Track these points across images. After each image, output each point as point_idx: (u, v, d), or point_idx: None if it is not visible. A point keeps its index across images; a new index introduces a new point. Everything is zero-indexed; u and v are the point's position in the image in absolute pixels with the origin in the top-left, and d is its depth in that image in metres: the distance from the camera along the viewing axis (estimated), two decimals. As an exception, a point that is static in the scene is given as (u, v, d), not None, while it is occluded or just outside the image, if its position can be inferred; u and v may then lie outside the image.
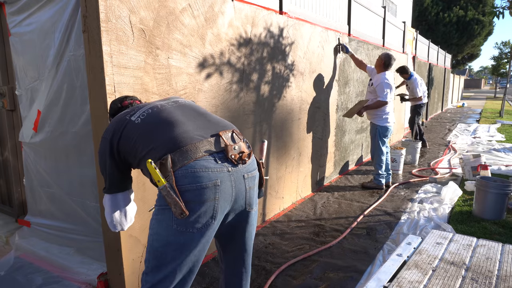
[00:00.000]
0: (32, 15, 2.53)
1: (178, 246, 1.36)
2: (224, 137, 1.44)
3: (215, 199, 1.35)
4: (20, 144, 2.99)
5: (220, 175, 1.36)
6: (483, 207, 3.61)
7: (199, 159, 1.35)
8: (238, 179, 1.43)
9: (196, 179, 1.33)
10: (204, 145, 1.39)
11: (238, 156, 1.43)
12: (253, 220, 1.61)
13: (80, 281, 2.45)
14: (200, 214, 1.34)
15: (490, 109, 17.10)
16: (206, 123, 1.50)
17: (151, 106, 1.55)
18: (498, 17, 4.88)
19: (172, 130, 1.41)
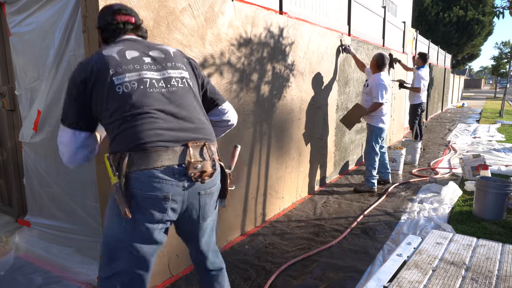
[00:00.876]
0: (32, 15, 2.53)
1: (128, 241, 1.38)
2: (191, 151, 1.39)
3: (164, 210, 1.38)
4: (20, 144, 2.99)
5: (173, 189, 1.37)
6: (483, 207, 3.61)
7: (158, 168, 1.34)
8: (192, 195, 1.44)
9: (149, 187, 1.33)
10: (168, 154, 1.36)
11: (198, 174, 1.41)
12: (207, 228, 1.62)
13: (80, 281, 2.45)
14: (146, 219, 1.37)
15: (490, 109, 17.10)
16: (182, 126, 1.43)
17: (139, 78, 1.41)
18: (498, 17, 4.88)
19: (144, 122, 1.36)
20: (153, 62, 1.49)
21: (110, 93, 1.38)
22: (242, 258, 2.84)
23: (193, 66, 1.64)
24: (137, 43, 1.55)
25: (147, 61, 1.48)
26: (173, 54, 1.58)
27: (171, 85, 1.47)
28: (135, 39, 1.58)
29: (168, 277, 2.52)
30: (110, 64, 1.41)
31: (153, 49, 1.55)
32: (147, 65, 1.46)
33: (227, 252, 2.94)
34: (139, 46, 1.53)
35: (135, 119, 1.36)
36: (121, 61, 1.43)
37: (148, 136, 1.34)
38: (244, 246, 3.06)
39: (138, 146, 1.33)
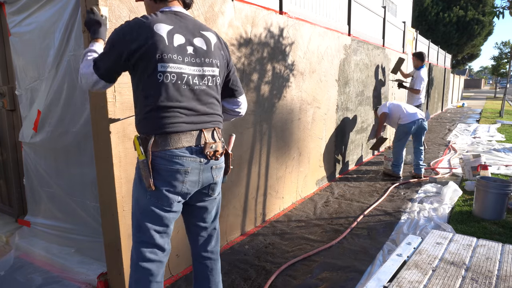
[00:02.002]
0: (32, 15, 2.53)
1: (152, 213, 1.60)
2: (205, 134, 1.64)
3: (183, 182, 1.60)
4: (20, 144, 2.99)
5: (191, 164, 1.60)
6: (483, 207, 3.61)
7: (178, 148, 1.56)
8: (207, 169, 1.67)
9: (171, 163, 1.56)
10: (187, 137, 1.58)
11: (212, 153, 1.65)
12: (215, 202, 1.84)
13: (80, 281, 2.45)
14: (168, 190, 1.58)
15: (490, 109, 17.10)
16: (200, 118, 1.64)
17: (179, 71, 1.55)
18: (498, 17, 4.88)
19: (171, 115, 1.55)
20: (194, 54, 1.61)
21: (151, 76, 1.52)
22: (242, 258, 2.84)
23: (226, 60, 1.78)
24: (185, 21, 1.63)
25: (190, 51, 1.59)
26: (213, 47, 1.68)
27: (203, 83, 1.64)
28: (183, 15, 1.65)
29: (168, 277, 2.52)
30: (159, 46, 1.50)
31: (198, 35, 1.64)
32: (188, 57, 1.59)
33: (227, 252, 2.94)
34: (186, 28, 1.61)
35: (165, 111, 1.55)
36: (169, 46, 1.52)
37: (171, 126, 1.55)
38: (244, 246, 3.06)
39: (162, 132, 1.55)
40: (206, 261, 1.87)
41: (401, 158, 5.08)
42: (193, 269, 1.93)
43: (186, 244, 2.63)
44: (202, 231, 1.84)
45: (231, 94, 1.88)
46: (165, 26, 1.54)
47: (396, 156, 5.08)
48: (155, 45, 1.49)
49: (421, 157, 5.11)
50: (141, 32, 1.50)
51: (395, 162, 5.09)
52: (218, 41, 1.74)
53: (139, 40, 1.49)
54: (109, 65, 1.55)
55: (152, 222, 1.61)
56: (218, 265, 1.92)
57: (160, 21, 1.53)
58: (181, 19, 1.61)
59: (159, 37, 1.50)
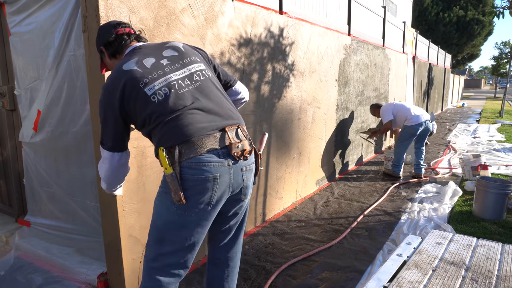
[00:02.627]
0: (32, 15, 2.53)
1: (177, 226, 1.51)
2: (229, 134, 1.52)
3: (213, 189, 1.48)
4: (20, 144, 2.99)
5: (220, 169, 1.49)
6: (483, 207, 3.61)
7: (204, 154, 1.46)
8: (237, 172, 1.55)
9: (199, 171, 1.45)
10: (210, 140, 1.48)
11: (240, 153, 1.53)
12: (245, 208, 1.75)
13: (80, 281, 2.45)
14: (197, 201, 1.48)
15: (490, 109, 17.10)
16: (215, 114, 1.55)
17: (167, 83, 1.51)
18: (498, 17, 4.88)
19: (184, 120, 1.48)
20: (170, 62, 1.58)
21: (147, 104, 1.49)
22: (242, 258, 2.84)
23: (203, 56, 1.74)
24: (146, 48, 1.62)
25: (165, 63, 1.57)
26: (183, 49, 1.65)
27: (195, 80, 1.58)
28: (141, 46, 1.64)
29: (168, 277, 2.52)
30: (136, 77, 1.50)
31: (163, 49, 1.62)
32: (167, 67, 1.56)
33: (227, 252, 2.94)
34: (150, 51, 1.60)
35: (177, 119, 1.48)
36: (143, 72, 1.51)
37: (190, 130, 1.47)
38: (244, 246, 3.06)
39: (184, 139, 1.46)
40: (223, 267, 1.79)
41: (402, 158, 5.08)
42: (207, 274, 1.84)
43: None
44: (226, 236, 1.76)
45: (227, 86, 1.84)
46: (131, 61, 1.54)
47: (397, 157, 5.07)
48: (133, 78, 1.49)
49: (422, 157, 5.12)
50: (114, 81, 1.51)
51: (396, 162, 5.09)
52: (185, 44, 1.72)
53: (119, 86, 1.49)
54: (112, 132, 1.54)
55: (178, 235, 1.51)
56: (235, 273, 1.83)
57: (125, 61, 1.55)
58: (141, 49, 1.61)
59: (132, 70, 1.50)
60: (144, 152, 2.25)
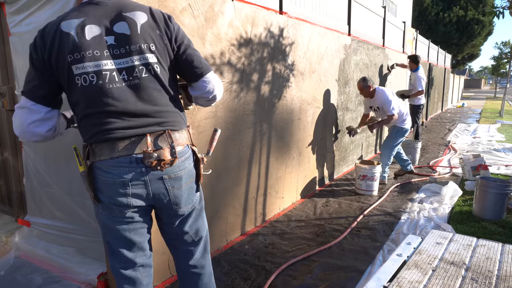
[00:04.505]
0: (32, 15, 2.53)
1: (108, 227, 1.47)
2: (148, 140, 1.38)
3: (126, 195, 1.40)
4: (20, 144, 2.99)
5: (131, 175, 1.38)
6: (483, 207, 3.61)
7: (115, 158, 1.37)
8: (155, 180, 1.43)
9: (109, 175, 1.38)
10: (125, 144, 1.37)
11: (155, 163, 1.39)
12: (186, 218, 1.58)
13: (80, 281, 2.45)
14: (113, 203, 1.41)
15: (490, 109, 17.10)
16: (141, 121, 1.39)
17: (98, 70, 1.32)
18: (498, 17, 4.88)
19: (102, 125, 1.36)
20: (116, 43, 1.35)
21: (70, 82, 1.34)
22: (242, 258, 2.84)
23: (168, 36, 1.44)
24: (103, 7, 1.37)
25: (110, 42, 1.34)
26: (140, 28, 1.37)
27: (134, 77, 1.37)
28: (102, 1, 1.38)
29: (168, 277, 2.52)
30: (67, 47, 1.30)
31: (118, 19, 1.36)
32: (108, 49, 1.34)
33: (227, 252, 2.94)
34: (102, 16, 1.35)
35: (94, 118, 1.36)
36: (79, 43, 1.30)
37: (105, 133, 1.36)
38: (244, 246, 3.06)
39: (97, 140, 1.38)
40: (190, 275, 1.67)
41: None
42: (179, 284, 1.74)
43: (186, 244, 2.64)
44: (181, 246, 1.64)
45: (192, 77, 1.52)
46: (74, 21, 1.32)
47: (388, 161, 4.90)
48: (63, 46, 1.30)
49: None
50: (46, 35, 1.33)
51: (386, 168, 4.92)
52: (151, 18, 1.41)
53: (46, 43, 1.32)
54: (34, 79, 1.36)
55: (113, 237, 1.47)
56: (205, 279, 1.69)
57: (68, 18, 1.33)
58: (97, 7, 1.36)
59: (67, 35, 1.30)
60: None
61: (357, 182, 4.50)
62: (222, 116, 2.88)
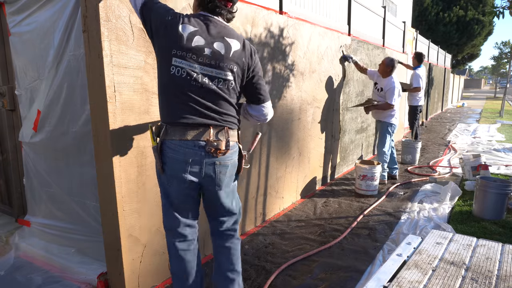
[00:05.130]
0: (32, 15, 2.53)
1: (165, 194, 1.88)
2: (211, 131, 1.78)
3: (185, 170, 1.78)
4: (20, 144, 2.99)
5: (193, 156, 1.77)
6: (483, 207, 3.61)
7: (184, 140, 1.75)
8: (209, 163, 1.81)
9: (176, 152, 1.76)
10: (194, 131, 1.76)
11: (213, 150, 1.78)
12: (222, 197, 1.94)
13: (80, 281, 2.45)
14: (172, 176, 1.80)
15: (490, 109, 17.10)
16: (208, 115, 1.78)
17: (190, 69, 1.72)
18: (498, 17, 4.88)
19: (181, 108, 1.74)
20: (210, 56, 1.76)
21: (166, 67, 1.73)
22: (242, 258, 2.84)
23: (247, 67, 1.87)
24: (212, 26, 1.79)
25: (206, 53, 1.75)
26: (232, 53, 1.80)
27: (211, 84, 1.77)
28: (213, 20, 1.81)
29: (168, 276, 2.52)
30: (178, 42, 1.70)
31: (220, 39, 1.79)
32: (203, 58, 1.74)
33: (227, 252, 2.93)
34: (207, 33, 1.76)
35: (174, 104, 1.75)
36: (186, 45, 1.71)
37: (180, 118, 1.74)
38: (244, 246, 3.05)
39: (173, 122, 1.76)
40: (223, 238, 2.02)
41: None
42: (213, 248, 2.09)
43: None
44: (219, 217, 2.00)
45: (255, 101, 1.99)
46: (190, 27, 1.72)
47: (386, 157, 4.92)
48: (176, 39, 1.69)
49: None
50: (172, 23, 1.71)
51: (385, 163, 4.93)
52: (242, 48, 1.84)
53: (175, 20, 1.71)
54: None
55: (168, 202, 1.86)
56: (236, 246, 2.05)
57: (187, 23, 1.73)
58: (208, 23, 1.78)
59: (181, 35, 1.70)
60: (144, 152, 2.25)
61: (357, 182, 4.50)
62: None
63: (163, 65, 1.74)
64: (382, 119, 4.81)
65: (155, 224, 2.37)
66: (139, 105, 2.18)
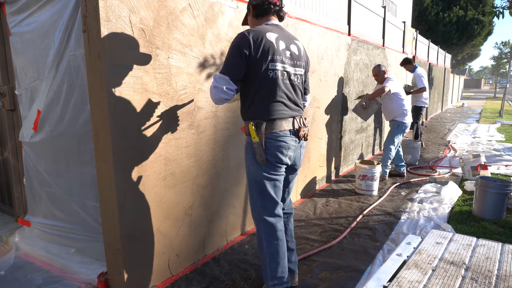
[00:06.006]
0: (32, 15, 2.53)
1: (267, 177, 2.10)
2: (297, 121, 2.13)
3: (285, 154, 2.09)
4: (20, 144, 2.99)
5: (291, 142, 2.10)
6: (483, 207, 3.61)
7: (282, 131, 2.06)
8: (298, 147, 2.18)
9: (277, 142, 2.05)
10: (286, 123, 2.08)
11: (303, 135, 2.16)
12: (296, 175, 2.36)
13: (80, 281, 2.45)
14: (275, 162, 2.08)
15: (490, 109, 17.10)
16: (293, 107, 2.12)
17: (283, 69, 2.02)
18: (498, 17, 4.89)
19: (276, 106, 2.03)
20: (290, 57, 2.09)
21: (264, 73, 1.98)
22: (242, 258, 2.84)
23: (307, 64, 2.28)
24: (282, 31, 2.10)
25: (288, 55, 2.07)
26: (302, 53, 2.18)
27: (296, 79, 2.13)
28: (281, 26, 2.13)
29: (168, 276, 2.52)
30: (271, 49, 1.97)
31: (292, 43, 2.13)
32: (287, 59, 2.06)
33: (227, 252, 2.94)
34: (284, 37, 2.08)
35: (272, 100, 2.03)
36: (277, 49, 2.00)
37: (277, 113, 2.04)
38: (244, 245, 3.06)
39: (270, 118, 2.03)
40: (285, 213, 2.38)
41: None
42: None
43: (186, 244, 2.64)
44: (286, 194, 2.35)
45: (304, 92, 2.35)
46: (273, 34, 2.01)
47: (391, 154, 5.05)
48: (268, 48, 1.96)
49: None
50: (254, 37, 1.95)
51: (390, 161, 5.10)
52: (303, 49, 2.22)
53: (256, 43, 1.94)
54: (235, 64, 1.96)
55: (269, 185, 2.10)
56: (292, 218, 2.45)
57: (269, 31, 2.01)
58: (281, 30, 2.10)
59: (271, 42, 1.98)
60: (144, 152, 2.25)
61: (357, 182, 4.50)
62: (222, 116, 2.88)
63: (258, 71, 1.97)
64: (395, 118, 4.94)
65: (155, 224, 2.38)
66: (139, 105, 2.18)
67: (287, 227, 2.40)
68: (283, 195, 2.35)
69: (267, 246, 2.13)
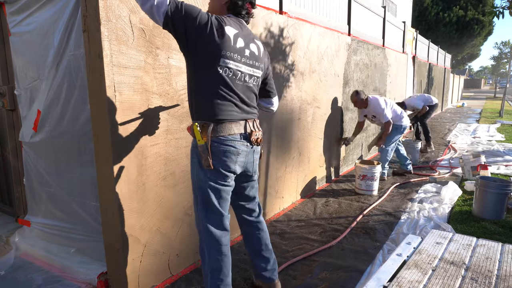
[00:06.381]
0: (32, 15, 2.53)
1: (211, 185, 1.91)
2: (249, 125, 1.96)
3: (234, 161, 1.92)
4: (20, 144, 2.99)
5: (241, 148, 1.92)
6: (483, 207, 3.61)
7: (231, 135, 1.88)
8: (250, 152, 2.00)
9: (224, 147, 1.87)
10: (237, 125, 1.90)
11: (255, 140, 1.98)
12: (255, 182, 2.19)
13: (80, 281, 2.45)
14: (222, 170, 1.89)
15: (490, 109, 17.10)
16: (245, 110, 1.95)
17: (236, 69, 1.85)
18: (498, 17, 4.89)
19: (226, 107, 1.85)
20: (249, 56, 1.93)
21: (214, 69, 1.80)
22: (242, 258, 2.84)
23: (267, 65, 2.13)
24: (243, 29, 1.93)
25: (246, 54, 1.91)
26: (261, 54, 2.03)
27: (250, 81, 1.96)
28: (242, 23, 1.96)
29: (168, 276, 2.52)
30: (226, 44, 1.80)
31: (252, 42, 1.97)
32: (245, 58, 1.90)
33: (227, 252, 2.94)
34: (244, 35, 1.92)
35: (221, 99, 1.84)
36: (233, 47, 1.83)
37: (227, 115, 1.86)
38: (243, 246, 3.05)
39: (219, 120, 1.85)
40: (253, 224, 2.24)
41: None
42: (243, 233, 2.29)
43: (186, 244, 2.64)
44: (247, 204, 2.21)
45: (267, 95, 2.23)
46: (232, 29, 1.84)
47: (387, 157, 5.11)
48: (224, 41, 1.78)
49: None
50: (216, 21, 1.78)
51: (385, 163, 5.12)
52: (264, 50, 2.07)
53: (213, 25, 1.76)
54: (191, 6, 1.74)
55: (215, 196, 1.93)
56: (264, 227, 2.28)
57: (229, 25, 1.83)
58: (241, 27, 1.93)
59: (228, 37, 1.80)
60: (144, 152, 2.25)
61: (357, 182, 4.50)
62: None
63: (208, 66, 1.80)
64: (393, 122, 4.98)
65: (155, 224, 2.38)
66: (139, 105, 2.18)
67: (260, 237, 2.25)
68: (246, 205, 2.20)
69: (209, 261, 1.98)
